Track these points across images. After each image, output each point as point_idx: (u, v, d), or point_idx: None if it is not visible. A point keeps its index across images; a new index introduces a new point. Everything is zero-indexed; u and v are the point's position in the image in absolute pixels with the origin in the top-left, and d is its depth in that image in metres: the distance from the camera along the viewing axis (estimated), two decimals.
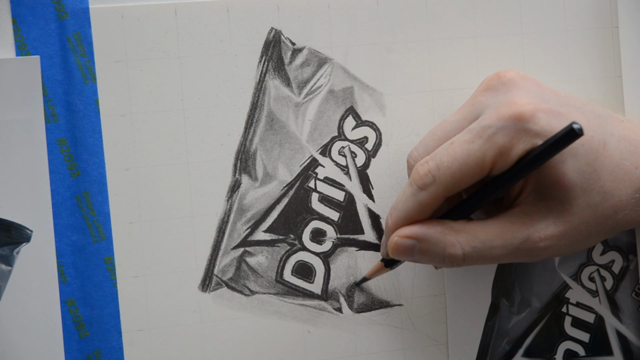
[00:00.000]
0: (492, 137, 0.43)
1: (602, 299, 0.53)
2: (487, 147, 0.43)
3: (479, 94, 0.46)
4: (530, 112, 0.43)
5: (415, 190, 0.45)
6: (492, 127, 0.43)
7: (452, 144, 0.44)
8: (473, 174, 0.44)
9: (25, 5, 0.47)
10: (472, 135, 0.43)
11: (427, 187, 0.44)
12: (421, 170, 0.44)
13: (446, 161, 0.44)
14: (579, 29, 0.53)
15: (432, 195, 0.44)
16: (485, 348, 0.52)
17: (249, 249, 0.50)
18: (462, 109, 0.47)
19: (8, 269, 0.47)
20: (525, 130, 0.43)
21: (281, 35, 0.50)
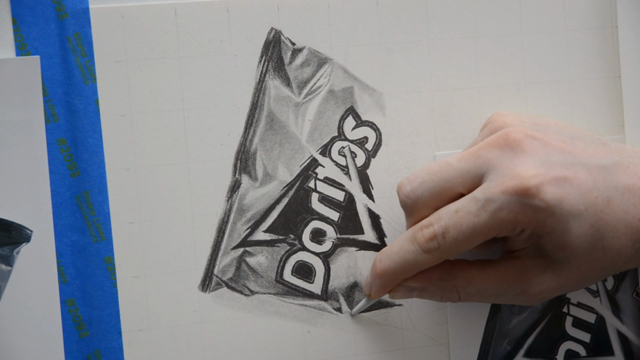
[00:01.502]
0: (497, 213, 0.43)
1: (603, 299, 0.53)
2: (491, 222, 0.43)
3: (484, 147, 0.45)
4: (536, 187, 0.43)
5: (417, 250, 0.45)
6: (497, 202, 0.43)
7: (457, 212, 0.44)
8: (478, 242, 0.45)
9: (25, 5, 0.47)
10: (478, 207, 0.43)
11: (430, 252, 0.45)
12: (426, 233, 0.45)
13: (452, 232, 0.44)
14: (579, 29, 0.53)
15: (433, 259, 0.45)
16: (487, 348, 0.52)
17: (249, 249, 0.50)
18: (467, 157, 0.45)
19: (8, 269, 0.47)
20: (531, 206, 0.43)
21: (281, 35, 0.50)
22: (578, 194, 0.44)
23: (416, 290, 0.47)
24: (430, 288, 0.47)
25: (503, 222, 0.43)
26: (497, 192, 0.43)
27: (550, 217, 0.43)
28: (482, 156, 0.45)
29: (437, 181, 0.45)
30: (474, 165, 0.45)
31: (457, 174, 0.45)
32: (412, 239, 0.45)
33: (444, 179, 0.45)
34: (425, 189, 0.45)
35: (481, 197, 0.44)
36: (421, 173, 0.46)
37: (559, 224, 0.44)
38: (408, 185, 0.46)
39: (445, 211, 0.45)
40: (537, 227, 0.44)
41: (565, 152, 0.45)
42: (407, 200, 0.46)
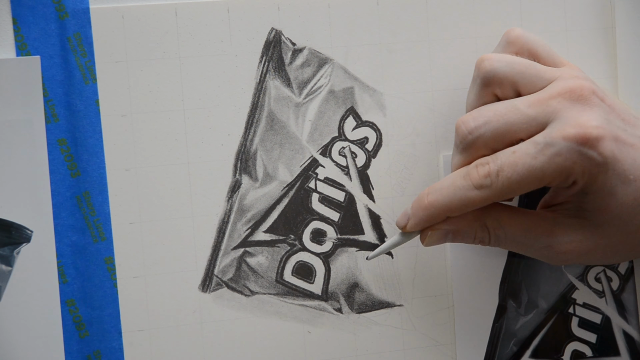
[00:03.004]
0: (555, 158, 0.43)
1: (608, 300, 0.53)
2: (548, 166, 0.43)
3: (555, 96, 0.45)
4: (596, 139, 0.43)
5: (469, 186, 0.45)
6: (556, 147, 0.43)
7: (514, 153, 0.44)
8: (530, 187, 0.44)
9: (25, 6, 0.47)
10: (536, 150, 0.43)
11: (483, 188, 0.44)
12: (481, 170, 0.44)
13: (507, 170, 0.44)
14: (579, 29, 0.53)
15: (484, 197, 0.45)
16: (493, 349, 0.52)
17: (249, 250, 0.50)
18: (535, 103, 0.45)
19: (8, 269, 0.47)
20: (588, 157, 0.43)
21: (281, 36, 0.50)
22: (632, 163, 0.44)
23: (450, 234, 0.46)
24: (463, 229, 0.46)
25: (559, 168, 0.43)
26: (557, 137, 0.43)
27: (603, 174, 0.43)
28: (551, 105, 0.44)
29: (502, 123, 0.45)
30: (542, 113, 0.44)
31: (524, 119, 0.44)
32: (465, 176, 0.45)
33: (510, 122, 0.45)
34: (489, 128, 0.45)
35: (541, 140, 0.43)
36: (487, 112, 0.45)
37: (608, 184, 0.44)
38: (472, 122, 0.45)
39: (503, 152, 0.44)
40: (588, 182, 0.44)
41: (627, 122, 0.45)
42: (469, 137, 0.45)
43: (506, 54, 0.48)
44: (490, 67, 0.46)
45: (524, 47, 0.47)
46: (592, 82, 0.46)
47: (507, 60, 0.46)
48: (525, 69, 0.46)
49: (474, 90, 0.47)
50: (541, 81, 0.45)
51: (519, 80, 0.45)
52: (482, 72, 0.46)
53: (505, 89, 0.46)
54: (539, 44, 0.47)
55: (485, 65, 0.46)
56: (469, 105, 0.47)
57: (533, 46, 0.47)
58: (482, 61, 0.46)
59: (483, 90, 0.46)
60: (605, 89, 0.47)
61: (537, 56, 0.47)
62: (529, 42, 0.47)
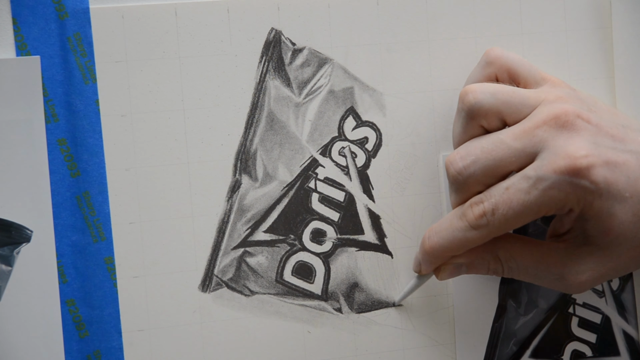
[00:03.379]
0: (548, 191, 0.43)
1: (608, 300, 0.53)
2: (542, 200, 0.44)
3: (541, 125, 0.44)
4: (587, 168, 0.43)
5: (466, 227, 0.45)
6: (549, 180, 0.43)
7: (507, 189, 0.44)
8: (527, 220, 0.45)
9: (25, 6, 0.47)
10: (529, 185, 0.44)
11: (479, 228, 0.45)
12: (476, 211, 0.45)
13: (502, 208, 0.44)
14: (579, 29, 0.53)
15: (482, 236, 0.45)
16: (493, 349, 0.52)
17: (249, 249, 0.50)
18: (521, 135, 0.45)
19: (8, 269, 0.47)
20: (581, 187, 0.43)
21: (281, 36, 0.50)
22: (626, 181, 0.44)
23: (464, 266, 0.47)
24: (476, 261, 0.47)
25: (553, 200, 0.44)
26: (548, 171, 0.43)
27: (597, 199, 0.44)
28: (537, 135, 0.44)
29: (491, 160, 0.45)
30: (529, 144, 0.44)
31: (512, 153, 0.45)
32: (461, 216, 0.45)
33: (498, 158, 0.45)
34: (478, 167, 0.45)
35: (533, 175, 0.44)
36: (474, 150, 0.45)
37: (605, 207, 0.44)
38: (460, 161, 0.45)
39: (495, 189, 0.45)
40: (585, 208, 0.44)
41: (616, 139, 0.45)
42: (459, 177, 0.45)
43: (486, 74, 0.48)
44: (474, 100, 0.46)
45: (503, 66, 0.48)
46: (576, 98, 0.46)
47: (491, 90, 0.46)
48: (509, 97, 0.46)
49: (459, 123, 0.47)
50: (526, 108, 0.45)
51: (504, 110, 0.45)
52: (466, 105, 0.46)
53: (491, 119, 0.46)
54: (519, 63, 0.48)
55: (470, 99, 0.46)
56: (456, 137, 0.48)
57: (512, 66, 0.48)
58: (466, 94, 0.46)
59: (469, 123, 0.46)
60: (589, 98, 0.47)
61: (517, 75, 0.48)
62: (508, 61, 0.48)
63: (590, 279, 0.46)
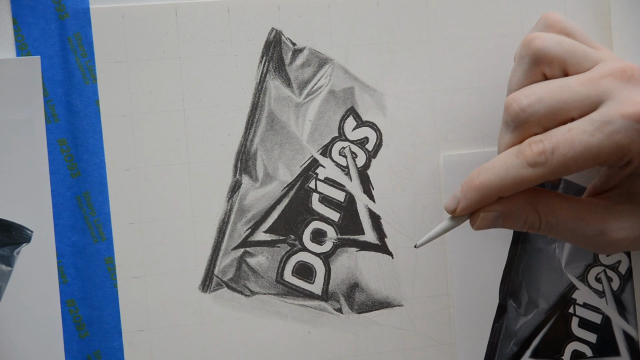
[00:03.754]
0: (613, 136, 0.43)
1: (608, 300, 0.53)
2: (605, 144, 0.43)
3: (607, 76, 0.44)
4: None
5: (522, 164, 0.44)
6: (615, 124, 0.43)
7: (570, 130, 0.43)
8: (586, 165, 0.43)
9: (25, 6, 0.47)
10: (593, 127, 0.43)
11: (537, 166, 0.43)
12: (535, 148, 0.43)
13: (562, 148, 0.43)
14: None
15: (538, 176, 0.44)
16: (493, 349, 0.52)
17: (250, 250, 0.50)
18: (587, 82, 0.44)
19: (8, 269, 0.47)
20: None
21: (282, 36, 0.50)
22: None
23: (501, 217, 0.45)
24: (514, 212, 0.45)
25: (616, 146, 0.43)
26: (616, 115, 0.42)
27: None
28: (603, 84, 0.44)
29: (556, 100, 0.44)
30: (595, 92, 0.44)
31: (577, 97, 0.44)
32: (517, 154, 0.44)
33: (563, 100, 0.44)
34: (542, 105, 0.44)
35: (598, 118, 0.43)
36: (539, 90, 0.44)
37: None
38: (525, 99, 0.44)
39: (557, 130, 0.44)
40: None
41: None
42: (522, 114, 0.44)
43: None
44: (541, 45, 0.45)
45: (563, 31, 0.47)
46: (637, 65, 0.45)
47: (557, 39, 0.45)
48: (574, 48, 0.45)
49: (521, 69, 0.46)
50: (589, 62, 0.45)
51: (568, 60, 0.45)
52: (532, 49, 0.45)
53: (554, 68, 0.45)
54: (577, 29, 0.47)
55: (537, 44, 0.45)
56: (514, 84, 0.46)
57: (571, 31, 0.47)
58: (533, 39, 0.45)
59: (532, 69, 0.45)
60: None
61: (575, 39, 0.47)
62: (568, 26, 0.47)
63: (628, 236, 0.45)
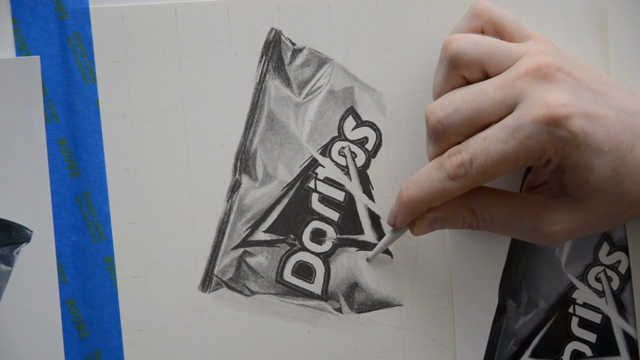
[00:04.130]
0: (526, 141, 0.43)
1: (608, 300, 0.53)
2: (520, 150, 0.43)
3: (522, 76, 0.44)
4: (565, 117, 0.43)
5: (444, 177, 0.45)
6: (526, 130, 0.43)
7: (486, 139, 0.44)
8: (506, 170, 0.44)
9: (25, 6, 0.48)
10: (507, 134, 0.43)
11: (457, 178, 0.44)
12: (454, 161, 0.44)
13: (480, 158, 0.44)
14: (579, 29, 0.53)
15: (460, 186, 0.45)
16: (493, 349, 0.52)
17: (249, 249, 0.50)
18: (502, 86, 0.44)
19: (8, 269, 0.47)
20: (558, 136, 0.43)
21: (281, 36, 0.50)
22: (605, 134, 0.44)
23: (439, 221, 0.47)
24: (451, 215, 0.47)
25: (531, 150, 0.43)
26: (527, 120, 0.43)
27: (575, 150, 0.43)
28: (517, 86, 0.44)
29: (471, 109, 0.45)
30: (510, 95, 0.44)
31: (492, 104, 0.44)
32: (439, 167, 0.45)
33: (479, 108, 0.44)
34: (458, 116, 0.45)
35: (511, 124, 0.43)
36: (455, 100, 0.45)
37: (583, 159, 0.44)
38: (441, 111, 0.45)
39: (474, 139, 0.44)
40: (563, 159, 0.44)
41: (597, 93, 0.45)
42: (439, 127, 0.45)
43: (472, 26, 0.47)
44: (457, 49, 0.45)
45: (490, 20, 0.47)
46: (559, 54, 0.46)
47: (474, 41, 0.45)
48: (492, 49, 0.45)
49: (441, 72, 0.47)
50: (508, 60, 0.45)
51: (486, 61, 0.45)
52: (449, 54, 0.46)
53: (473, 70, 0.46)
54: (506, 17, 0.47)
55: (453, 47, 0.45)
56: (436, 86, 0.47)
57: (499, 20, 0.47)
58: (449, 43, 0.46)
59: (450, 72, 0.46)
60: (573, 57, 0.47)
61: (503, 29, 0.47)
62: (496, 15, 0.47)
63: (564, 230, 0.46)
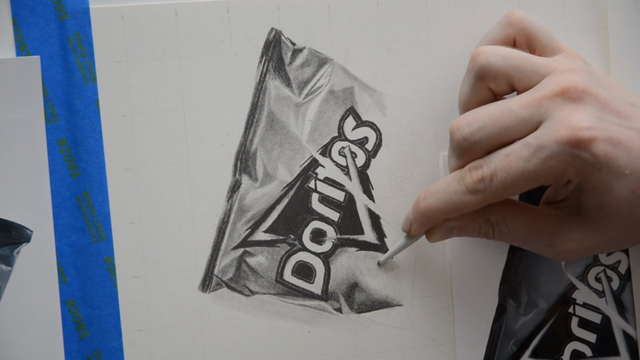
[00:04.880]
0: (547, 161, 0.43)
1: (608, 300, 0.53)
2: (541, 169, 0.43)
3: (549, 96, 0.44)
4: (589, 140, 0.43)
5: (464, 191, 0.45)
6: (549, 150, 0.43)
7: (507, 156, 0.44)
8: (524, 188, 0.44)
9: (25, 6, 0.48)
10: (529, 153, 0.43)
11: (477, 193, 0.45)
12: (475, 175, 0.45)
13: (500, 174, 0.44)
14: (579, 29, 0.53)
15: (479, 201, 0.45)
16: (493, 349, 0.52)
17: (249, 249, 0.50)
18: (529, 104, 0.44)
19: (8, 269, 0.47)
20: (581, 159, 0.43)
21: (281, 36, 0.50)
22: (627, 158, 0.44)
23: (455, 229, 0.47)
24: (468, 224, 0.47)
25: (552, 171, 0.43)
26: (550, 140, 0.43)
27: (597, 173, 0.44)
28: (544, 105, 0.44)
29: (497, 127, 0.44)
30: (536, 114, 0.44)
31: (518, 122, 0.44)
32: (459, 180, 0.45)
33: (505, 126, 0.44)
34: (484, 134, 0.44)
35: (534, 143, 0.43)
36: (481, 117, 0.45)
37: (603, 182, 0.44)
38: (467, 127, 0.45)
39: (496, 155, 0.44)
40: (583, 181, 0.44)
41: (622, 116, 0.45)
42: (464, 143, 0.45)
43: (505, 34, 0.47)
44: (485, 61, 0.45)
45: (524, 30, 0.47)
46: (588, 71, 0.46)
47: (503, 54, 0.45)
48: (520, 62, 0.45)
49: (467, 83, 0.47)
50: (536, 75, 0.45)
51: (514, 75, 0.45)
52: (477, 65, 0.46)
53: (500, 83, 0.46)
54: (540, 28, 0.47)
55: (481, 59, 0.45)
56: (462, 97, 0.47)
57: (533, 31, 0.47)
58: (478, 55, 0.46)
59: (477, 84, 0.46)
60: (602, 74, 0.47)
61: (535, 41, 0.47)
62: (530, 26, 0.47)
63: (578, 248, 0.46)
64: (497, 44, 0.47)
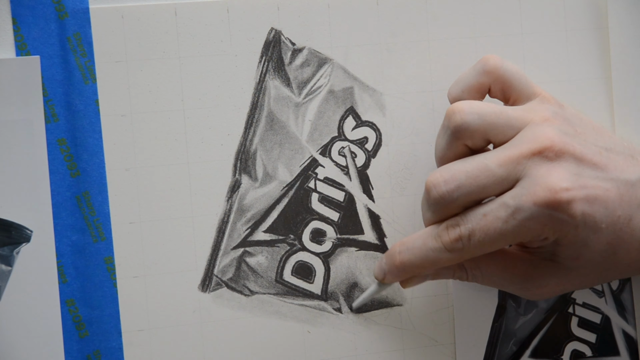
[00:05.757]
0: (525, 222, 0.43)
1: (608, 299, 0.53)
2: (518, 230, 0.44)
3: (527, 155, 0.44)
4: (566, 202, 0.43)
5: (440, 248, 0.45)
6: (527, 212, 0.43)
7: (485, 216, 0.44)
8: (501, 247, 0.45)
9: (25, 5, 0.48)
10: (507, 214, 0.43)
11: (454, 251, 0.45)
12: (452, 234, 0.44)
13: (478, 235, 0.44)
14: (579, 29, 0.53)
15: (456, 258, 0.45)
16: (493, 349, 0.52)
17: (249, 249, 0.50)
18: (507, 163, 0.44)
19: (8, 269, 0.47)
20: (559, 220, 0.43)
21: (281, 36, 0.50)
22: (604, 212, 0.44)
23: (429, 276, 0.47)
24: (442, 271, 0.47)
25: (530, 231, 0.44)
26: (528, 202, 0.43)
27: (573, 230, 0.44)
28: (521, 163, 0.44)
29: (475, 186, 0.44)
30: (513, 172, 0.44)
31: (496, 180, 0.44)
32: (436, 237, 0.45)
33: (482, 185, 0.44)
34: (461, 192, 0.44)
35: (511, 204, 0.43)
36: (459, 174, 0.45)
37: (580, 238, 0.44)
38: (444, 186, 0.45)
39: (473, 214, 0.44)
40: (559, 237, 0.44)
41: (598, 167, 0.45)
42: (441, 201, 0.45)
43: (480, 82, 0.47)
44: (461, 120, 0.45)
45: (499, 79, 0.47)
46: (563, 118, 0.46)
47: (479, 112, 0.45)
48: (496, 119, 0.45)
49: (444, 140, 0.46)
50: (512, 129, 0.45)
51: (489, 131, 0.45)
52: (452, 125, 0.45)
53: (476, 140, 0.46)
54: (515, 76, 0.47)
55: (457, 119, 0.45)
56: (439, 152, 0.47)
57: (508, 79, 0.47)
58: (454, 113, 0.45)
59: (454, 142, 0.46)
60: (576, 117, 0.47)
61: (511, 89, 0.47)
62: (505, 74, 0.47)
63: (551, 291, 0.47)
64: (471, 90, 0.47)
